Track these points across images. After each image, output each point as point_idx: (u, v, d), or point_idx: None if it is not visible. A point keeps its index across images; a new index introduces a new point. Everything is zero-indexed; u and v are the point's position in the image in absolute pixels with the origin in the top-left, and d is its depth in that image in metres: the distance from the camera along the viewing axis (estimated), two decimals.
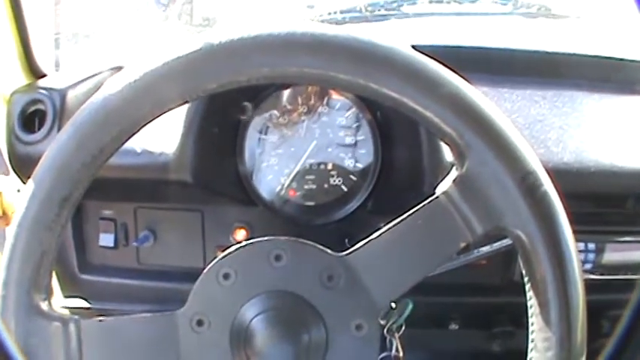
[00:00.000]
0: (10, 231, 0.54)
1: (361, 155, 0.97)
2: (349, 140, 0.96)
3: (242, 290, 0.58)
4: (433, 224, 0.55)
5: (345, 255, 0.58)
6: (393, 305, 0.67)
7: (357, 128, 0.96)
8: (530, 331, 0.54)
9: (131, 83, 0.52)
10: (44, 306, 0.55)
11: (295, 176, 0.97)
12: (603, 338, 0.55)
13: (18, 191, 1.00)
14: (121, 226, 1.01)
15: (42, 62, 1.06)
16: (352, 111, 0.96)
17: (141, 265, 1.03)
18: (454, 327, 1.04)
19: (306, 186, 0.97)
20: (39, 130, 0.92)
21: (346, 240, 0.91)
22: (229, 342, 0.58)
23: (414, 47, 0.53)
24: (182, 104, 0.54)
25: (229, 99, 0.89)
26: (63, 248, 1.01)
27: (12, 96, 0.94)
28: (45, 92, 0.93)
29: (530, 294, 0.54)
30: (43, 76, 1.05)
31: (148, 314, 0.58)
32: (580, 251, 0.94)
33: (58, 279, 1.05)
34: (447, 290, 0.94)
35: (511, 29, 1.31)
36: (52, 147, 0.54)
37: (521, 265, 0.54)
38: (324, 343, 0.58)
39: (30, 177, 0.54)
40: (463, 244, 0.55)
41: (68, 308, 1.05)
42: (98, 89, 0.54)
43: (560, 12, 1.41)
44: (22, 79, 1.03)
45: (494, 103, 0.53)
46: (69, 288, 1.06)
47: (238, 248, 0.59)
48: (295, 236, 0.59)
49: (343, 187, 0.97)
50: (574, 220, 0.53)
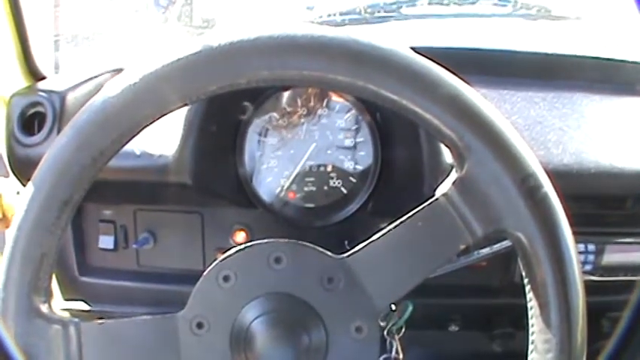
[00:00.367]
0: (10, 233, 0.54)
1: (361, 157, 0.97)
2: (349, 142, 0.96)
3: (242, 292, 0.58)
4: (433, 226, 0.55)
5: (345, 257, 0.58)
6: (393, 307, 0.67)
7: (357, 130, 0.96)
8: (530, 333, 0.54)
9: (131, 86, 0.52)
10: (44, 308, 0.55)
11: (295, 178, 0.97)
12: (603, 339, 0.55)
13: (18, 194, 1.00)
14: (121, 229, 1.01)
15: (41, 64, 1.06)
16: (352, 113, 0.96)
17: (141, 268, 1.03)
18: (454, 328, 1.04)
19: (305, 188, 0.97)
20: (38, 133, 0.92)
21: (346, 242, 0.91)
22: (229, 344, 0.58)
23: (414, 49, 0.53)
24: (182, 107, 0.54)
25: (229, 100, 0.89)
26: (63, 251, 1.01)
27: (12, 98, 0.94)
28: (44, 95, 0.93)
29: (530, 296, 0.54)
30: (43, 79, 1.05)
31: (148, 317, 0.58)
32: (580, 253, 0.94)
33: (58, 281, 1.04)
34: (447, 292, 0.94)
35: (510, 31, 1.31)
36: (52, 149, 0.54)
37: (521, 267, 0.54)
38: (324, 346, 0.58)
39: (30, 179, 0.54)
40: (463, 246, 0.55)
41: (68, 311, 1.05)
42: (98, 91, 0.54)
43: (559, 13, 1.40)
44: (22, 82, 1.03)
45: (493, 105, 0.53)
46: (69, 290, 1.05)
47: (238, 250, 0.58)
48: (295, 238, 0.59)
49: (343, 189, 0.97)
50: (574, 222, 0.53)
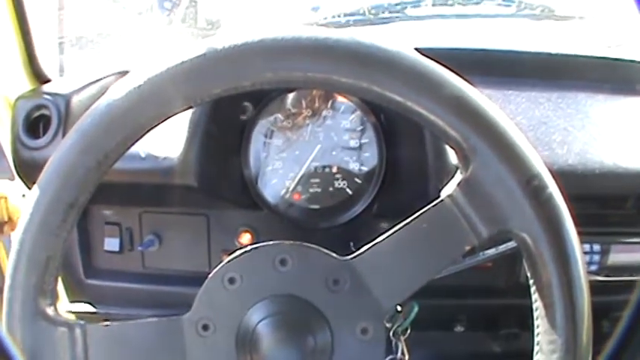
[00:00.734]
0: (16, 236, 0.54)
1: (366, 158, 0.97)
2: (354, 143, 0.96)
3: (247, 294, 0.58)
4: (438, 227, 0.55)
5: (351, 259, 0.58)
6: (399, 308, 0.67)
7: (362, 131, 0.96)
8: (535, 334, 0.54)
9: (135, 88, 0.52)
10: (50, 311, 0.55)
11: (300, 180, 0.97)
12: (603, 339, 0.55)
13: (23, 196, 1.00)
14: (126, 231, 1.01)
15: (46, 67, 1.06)
16: (357, 114, 0.96)
17: (146, 270, 1.03)
18: (460, 329, 1.04)
19: (311, 189, 0.97)
20: (44, 136, 0.92)
21: (351, 243, 0.91)
22: (235, 346, 0.58)
23: (418, 50, 0.53)
24: (187, 109, 0.54)
25: (231, 101, 0.89)
26: (68, 253, 1.01)
27: (17, 101, 0.94)
28: (49, 97, 0.93)
29: (535, 296, 0.54)
30: (48, 81, 1.06)
31: (154, 319, 0.58)
32: (585, 253, 0.94)
33: (64, 284, 1.05)
34: (453, 293, 0.94)
35: (514, 31, 1.31)
36: (57, 152, 0.54)
37: (526, 268, 0.54)
38: (330, 347, 0.58)
39: (35, 182, 0.54)
40: (468, 247, 0.55)
41: (74, 313, 1.05)
42: (103, 94, 0.54)
43: (563, 13, 1.40)
44: (27, 85, 1.03)
45: (498, 106, 0.53)
46: (74, 293, 1.06)
47: (243, 252, 0.58)
48: (300, 240, 0.59)
49: (348, 191, 0.97)
50: (579, 222, 0.53)
